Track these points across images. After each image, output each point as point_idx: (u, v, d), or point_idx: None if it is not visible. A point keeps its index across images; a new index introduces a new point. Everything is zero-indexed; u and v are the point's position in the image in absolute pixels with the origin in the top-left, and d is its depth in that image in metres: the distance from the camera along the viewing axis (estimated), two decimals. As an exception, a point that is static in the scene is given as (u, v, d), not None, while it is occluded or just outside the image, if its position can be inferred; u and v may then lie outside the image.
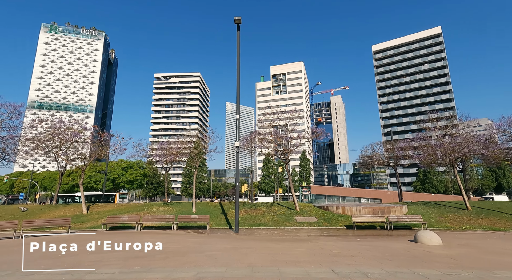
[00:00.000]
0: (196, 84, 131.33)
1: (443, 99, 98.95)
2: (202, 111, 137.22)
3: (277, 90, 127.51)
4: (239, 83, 14.66)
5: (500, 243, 10.29)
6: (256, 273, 5.80)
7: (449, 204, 20.68)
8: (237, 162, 13.81)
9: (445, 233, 13.31)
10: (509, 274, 5.94)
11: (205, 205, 21.71)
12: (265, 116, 21.61)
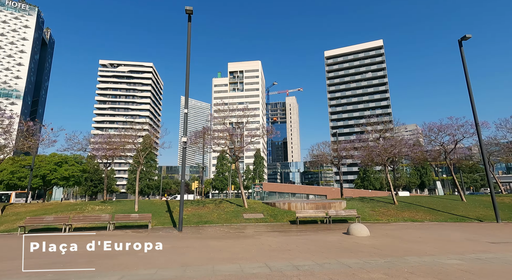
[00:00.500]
0: (148, 75, 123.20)
1: (382, 105, 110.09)
2: (154, 104, 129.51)
3: (234, 87, 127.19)
4: (189, 75, 14.10)
5: (415, 233, 11.83)
6: (188, 273, 5.60)
7: (381, 200, 23.12)
8: (184, 158, 13.28)
9: (374, 225, 14.81)
10: (417, 259, 6.79)
11: (150, 203, 20.49)
12: (218, 113, 21.26)
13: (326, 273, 5.52)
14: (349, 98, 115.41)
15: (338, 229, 13.07)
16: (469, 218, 17.29)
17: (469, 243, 9.20)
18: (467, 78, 17.09)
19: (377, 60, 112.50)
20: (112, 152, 20.12)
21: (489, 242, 9.32)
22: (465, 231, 12.09)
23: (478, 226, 14.36)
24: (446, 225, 14.75)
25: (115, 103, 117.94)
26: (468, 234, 11.20)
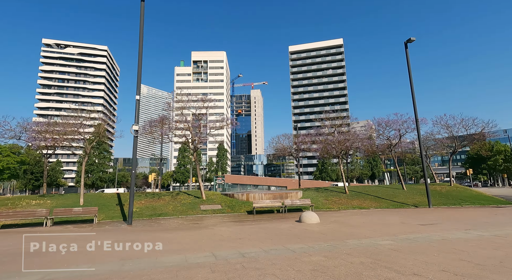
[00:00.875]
0: (102, 59, 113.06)
1: (341, 102, 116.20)
2: (110, 91, 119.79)
3: (198, 77, 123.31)
4: (141, 58, 13.15)
5: (360, 219, 12.80)
6: (126, 267, 5.27)
7: (334, 189, 24.59)
8: (135, 148, 12.46)
9: (326, 213, 15.70)
10: (356, 242, 7.31)
11: (98, 197, 19.03)
12: (177, 103, 20.33)
13: (270, 258, 5.64)
14: (311, 93, 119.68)
15: (292, 218, 13.55)
16: (407, 204, 19.27)
17: (403, 226, 10.21)
18: (410, 78, 18.72)
19: (337, 58, 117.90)
20: (52, 141, 18.01)
21: (419, 224, 10.45)
22: (402, 216, 13.43)
23: (413, 211, 16.06)
24: (387, 211, 16.25)
25: (63, 88, 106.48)
26: (403, 218, 12.44)
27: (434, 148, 31.93)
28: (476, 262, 5.07)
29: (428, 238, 7.55)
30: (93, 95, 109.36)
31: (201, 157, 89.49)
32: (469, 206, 18.60)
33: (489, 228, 9.20)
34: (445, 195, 22.49)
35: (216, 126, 20.47)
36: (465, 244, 6.69)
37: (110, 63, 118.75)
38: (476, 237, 7.54)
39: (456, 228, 9.33)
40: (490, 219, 11.76)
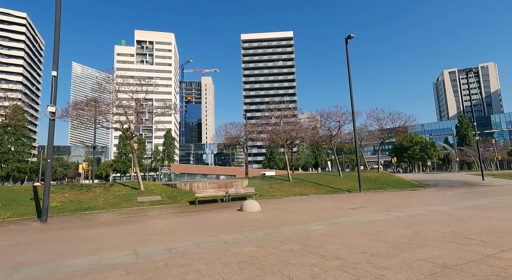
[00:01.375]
0: (20, 28, 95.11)
1: (290, 93, 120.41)
2: (32, 67, 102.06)
3: (143, 59, 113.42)
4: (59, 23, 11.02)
5: (299, 205, 13.34)
6: (15, 276, 4.29)
7: (279, 177, 25.40)
8: (51, 133, 10.55)
9: (268, 201, 16.02)
10: (291, 228, 7.42)
11: (7, 190, 15.99)
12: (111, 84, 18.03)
13: (199, 252, 5.26)
14: (262, 83, 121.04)
15: (234, 207, 13.40)
16: (342, 190, 20.98)
17: (335, 210, 10.90)
18: (349, 74, 20.00)
19: (288, 50, 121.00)
20: None
21: (350, 208, 11.30)
22: (336, 201, 14.45)
23: (346, 196, 17.50)
24: (325, 197, 17.38)
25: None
26: (337, 203, 13.38)
27: (367, 139, 35.42)
28: (391, 242, 5.51)
29: (355, 221, 8.11)
30: (7, 71, 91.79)
31: (146, 145, 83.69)
32: (392, 190, 21.15)
33: (405, 209, 10.40)
34: (373, 180, 25.17)
35: (158, 112, 18.90)
36: (384, 225, 7.34)
37: (31, 34, 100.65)
38: (393, 218, 8.38)
39: (379, 210, 10.31)
40: (406, 200, 13.42)
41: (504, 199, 12.51)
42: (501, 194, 14.87)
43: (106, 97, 19.00)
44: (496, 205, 10.48)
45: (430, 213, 9.07)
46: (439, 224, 7.19)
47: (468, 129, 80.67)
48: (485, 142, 63.49)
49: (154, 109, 19.93)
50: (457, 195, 15.15)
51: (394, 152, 79.38)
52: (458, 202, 12.12)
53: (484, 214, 8.55)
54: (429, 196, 15.49)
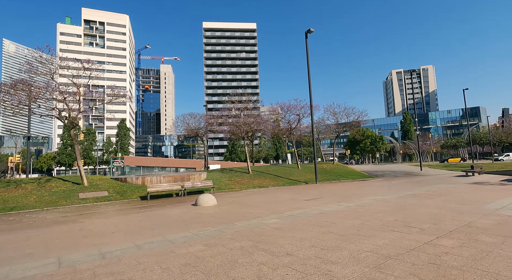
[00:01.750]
0: None
1: (253, 86, 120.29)
2: None
3: (92, 41, 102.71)
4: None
5: (257, 198, 13.25)
6: None
7: (239, 170, 25.16)
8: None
9: (227, 194, 15.67)
10: (245, 223, 7.16)
11: None
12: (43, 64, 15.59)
13: (138, 255, 4.68)
14: (225, 74, 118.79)
15: (190, 201, 12.77)
16: (300, 181, 21.55)
17: (291, 202, 10.98)
18: (308, 68, 20.32)
19: (251, 42, 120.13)
20: None
21: (305, 199, 11.50)
22: (293, 192, 14.69)
23: (303, 187, 17.97)
24: (283, 189, 17.62)
25: None
26: (293, 195, 13.58)
27: (325, 132, 37.05)
28: (340, 233, 5.56)
29: (308, 213, 8.18)
30: None
31: (96, 136, 76.82)
32: (345, 181, 22.38)
33: (355, 199, 10.91)
34: (329, 172, 26.39)
35: (106, 100, 17.04)
36: (336, 216, 7.50)
37: None
38: (344, 209, 8.66)
39: (332, 201, 10.64)
40: (357, 191, 14.20)
41: (437, 187, 13.94)
42: (435, 183, 16.61)
43: (40, 80, 16.48)
44: (432, 193, 11.57)
45: (377, 203, 9.60)
46: (384, 213, 7.58)
47: (410, 125, 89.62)
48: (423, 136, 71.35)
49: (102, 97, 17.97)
50: (400, 185, 16.52)
51: (348, 145, 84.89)
52: (401, 191, 13.16)
53: (422, 202, 9.31)
54: (377, 186, 16.64)
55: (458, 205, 8.52)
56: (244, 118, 23.19)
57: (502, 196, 10.02)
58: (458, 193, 11.22)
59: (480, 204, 8.56)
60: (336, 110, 28.81)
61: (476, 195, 10.34)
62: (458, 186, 13.97)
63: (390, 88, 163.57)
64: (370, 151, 79.87)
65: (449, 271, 3.47)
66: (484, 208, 7.74)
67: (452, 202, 9.12)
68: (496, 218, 6.46)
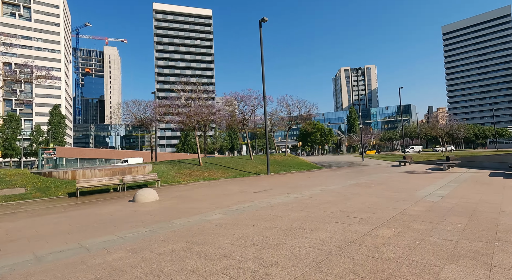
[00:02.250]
0: None
1: (208, 75, 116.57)
2: None
3: (14, 11, 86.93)
4: None
5: (204, 191, 12.54)
6: None
7: (190, 162, 23.94)
8: None
9: (173, 187, 14.59)
10: (184, 221, 6.46)
11: None
12: None
13: (33, 272, 3.68)
14: (178, 62, 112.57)
15: (128, 197, 11.46)
16: (252, 173, 21.40)
17: (240, 195, 10.58)
18: (262, 56, 19.95)
19: (206, 30, 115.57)
20: None
21: (254, 191, 11.21)
22: (243, 184, 14.35)
23: (255, 179, 17.81)
24: (234, 180, 17.19)
25: None
26: (244, 187, 13.23)
27: (278, 124, 37.61)
28: (285, 228, 5.28)
29: (256, 206, 7.83)
30: None
31: (21, 123, 66.20)
32: (296, 171, 22.97)
33: (303, 190, 11.00)
34: (281, 163, 26.87)
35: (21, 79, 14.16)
36: (282, 208, 7.28)
37: None
38: (291, 200, 8.55)
39: (281, 192, 10.54)
40: (306, 181, 14.50)
41: (377, 176, 15.03)
42: (375, 172, 17.99)
43: None
44: (371, 182, 12.34)
45: (323, 193, 9.77)
46: (329, 204, 7.63)
47: (355, 119, 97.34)
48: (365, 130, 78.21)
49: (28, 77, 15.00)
50: (345, 175, 17.45)
51: (300, 137, 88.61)
52: (345, 180, 13.82)
53: (364, 191, 9.76)
54: (324, 176, 17.32)
55: (394, 193, 9.10)
56: (195, 107, 21.93)
57: (428, 183, 11.11)
58: (393, 182, 12.16)
59: (412, 191, 9.28)
60: (289, 102, 29.34)
61: (408, 184, 11.29)
62: (393, 175, 15.28)
63: (338, 84, 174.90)
64: (320, 143, 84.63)
65: (386, 264, 3.36)
66: (415, 196, 8.36)
67: (389, 190, 9.74)
68: (425, 205, 6.94)
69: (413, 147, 62.01)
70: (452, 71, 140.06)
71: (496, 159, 16.95)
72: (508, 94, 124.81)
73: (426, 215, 5.86)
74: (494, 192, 8.54)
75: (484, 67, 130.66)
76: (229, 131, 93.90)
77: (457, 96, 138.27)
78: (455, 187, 9.82)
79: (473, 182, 10.98)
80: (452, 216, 5.71)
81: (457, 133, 41.36)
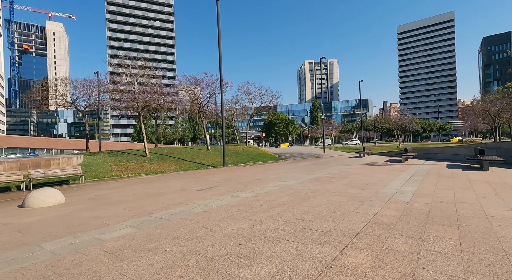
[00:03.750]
0: None
1: (169, 60, 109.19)
2: None
3: None
4: None
5: (136, 189, 10.15)
6: None
7: (135, 152, 20.89)
8: None
9: (101, 184, 11.87)
10: (62, 243, 4.23)
11: None
12: None
13: None
14: (134, 43, 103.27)
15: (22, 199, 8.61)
16: (206, 165, 19.26)
17: (178, 194, 8.48)
18: (219, 34, 17.60)
19: (166, 11, 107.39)
20: None
21: (198, 189, 9.20)
22: (190, 179, 12.22)
23: (207, 172, 15.72)
24: (182, 174, 14.91)
25: None
26: (189, 183, 11.12)
27: (240, 113, 35.63)
28: (210, 256, 3.39)
29: (188, 212, 5.85)
30: None
31: None
32: (255, 163, 21.36)
33: (257, 186, 9.30)
34: (240, 154, 25.07)
35: None
36: (221, 216, 5.42)
37: None
38: (238, 202, 6.73)
39: (229, 190, 8.69)
40: (263, 175, 12.87)
41: (338, 169, 14.00)
42: (336, 164, 17.11)
43: None
44: (333, 176, 11.11)
45: (279, 191, 8.14)
46: (283, 207, 5.97)
47: (317, 111, 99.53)
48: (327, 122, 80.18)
49: None
50: (305, 167, 16.25)
51: (264, 128, 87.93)
52: (306, 174, 12.48)
53: (324, 188, 8.35)
54: (284, 168, 15.92)
55: (359, 190, 7.81)
56: (139, 88, 18.83)
57: (392, 177, 10.17)
58: (356, 175, 11.07)
59: (377, 187, 8.10)
60: (250, 89, 27.42)
61: (372, 178, 10.24)
62: (354, 167, 14.40)
63: (303, 77, 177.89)
64: (284, 134, 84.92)
65: None
66: (382, 194, 7.12)
67: (352, 186, 8.47)
68: (397, 207, 5.63)
69: (353, 139, 67.04)
70: (404, 69, 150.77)
71: (449, 151, 17.14)
72: (450, 92, 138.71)
73: (403, 224, 4.45)
74: (463, 187, 7.68)
75: (431, 67, 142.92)
76: (191, 120, 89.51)
77: (407, 92, 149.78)
78: (420, 182, 8.92)
79: (436, 175, 10.31)
80: (436, 225, 4.37)
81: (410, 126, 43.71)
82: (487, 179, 9.01)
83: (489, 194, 6.67)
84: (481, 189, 7.35)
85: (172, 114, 74.22)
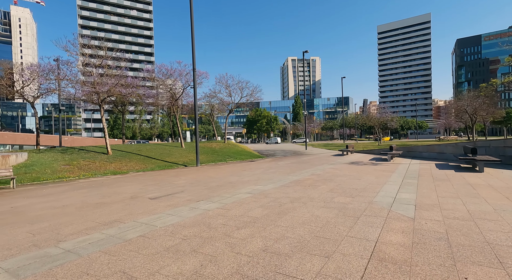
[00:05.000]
0: None
1: (147, 52, 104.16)
2: None
3: None
4: None
5: (77, 197, 8.14)
6: None
7: (95, 150, 18.48)
8: None
9: (37, 189, 9.70)
10: None
11: None
12: None
13: None
14: (108, 33, 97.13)
15: None
16: (177, 164, 17.32)
17: (123, 205, 6.65)
18: (192, 29, 15.65)
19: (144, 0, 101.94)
20: None
21: (151, 197, 7.40)
22: (150, 183, 10.34)
23: (175, 172, 13.84)
24: (144, 175, 12.93)
25: None
26: (146, 187, 9.27)
27: (218, 107, 33.65)
28: None
29: (116, 238, 4.09)
30: None
31: None
32: (232, 162, 19.67)
33: (227, 192, 7.68)
34: (217, 151, 23.27)
35: None
36: (162, 246, 3.72)
37: None
38: (194, 219, 5.05)
39: (190, 199, 6.98)
40: (238, 176, 11.27)
41: (321, 169, 12.67)
42: (319, 163, 15.83)
43: None
44: (317, 178, 9.71)
45: (251, 200, 6.55)
46: (252, 228, 4.37)
47: (300, 108, 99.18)
48: (309, 119, 79.89)
49: None
50: (286, 166, 14.83)
51: (246, 124, 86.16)
52: (286, 175, 11.02)
53: (308, 195, 6.86)
54: (263, 168, 14.40)
55: (348, 198, 6.40)
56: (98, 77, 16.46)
57: (383, 180, 8.92)
58: (342, 177, 9.73)
59: (369, 194, 6.73)
60: (229, 82, 25.56)
61: (361, 181, 8.92)
62: (339, 167, 13.15)
63: (286, 74, 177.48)
64: (266, 130, 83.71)
65: None
66: (377, 205, 5.72)
67: (340, 192, 7.05)
68: (403, 228, 4.20)
69: (301, 138, 69.20)
70: (383, 68, 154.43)
71: (435, 149, 16.40)
72: (425, 91, 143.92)
73: (422, 263, 3.00)
74: (469, 195, 6.48)
75: (409, 67, 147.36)
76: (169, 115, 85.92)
77: (386, 91, 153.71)
78: (416, 186, 7.69)
79: (430, 178, 9.19)
80: (470, 265, 2.95)
81: (391, 124, 43.82)
82: (489, 182, 7.95)
83: (506, 204, 5.47)
84: (491, 197, 6.16)
85: (150, 109, 70.47)
